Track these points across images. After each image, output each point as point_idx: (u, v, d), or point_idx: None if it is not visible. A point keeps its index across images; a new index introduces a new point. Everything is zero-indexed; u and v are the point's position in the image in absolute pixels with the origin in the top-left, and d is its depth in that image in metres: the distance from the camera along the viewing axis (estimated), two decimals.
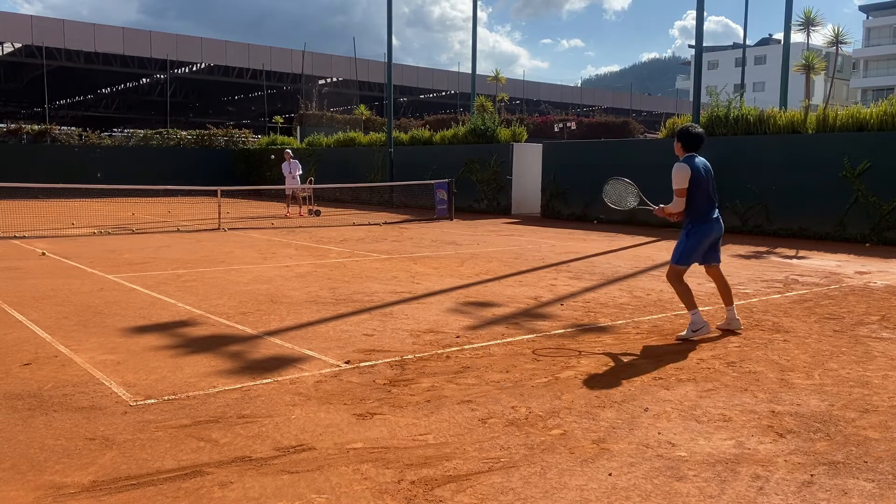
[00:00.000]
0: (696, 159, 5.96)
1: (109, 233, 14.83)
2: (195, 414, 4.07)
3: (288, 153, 21.22)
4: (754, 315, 7.04)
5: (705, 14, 17.72)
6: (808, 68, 34.39)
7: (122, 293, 7.85)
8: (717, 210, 6.11)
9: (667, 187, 6.05)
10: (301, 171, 21.18)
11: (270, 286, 8.35)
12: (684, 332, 6.04)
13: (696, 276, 9.59)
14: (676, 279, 6.08)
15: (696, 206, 5.96)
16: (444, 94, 65.49)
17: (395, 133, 26.05)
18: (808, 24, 37.92)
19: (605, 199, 6.70)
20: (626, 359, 5.37)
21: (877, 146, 14.01)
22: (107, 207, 22.76)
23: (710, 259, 6.24)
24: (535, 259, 11.27)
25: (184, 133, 37.21)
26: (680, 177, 5.88)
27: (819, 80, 58.09)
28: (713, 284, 8.87)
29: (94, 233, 14.75)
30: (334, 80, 59.27)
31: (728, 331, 6.26)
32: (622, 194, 6.58)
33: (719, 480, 3.27)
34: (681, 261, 6.05)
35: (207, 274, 9.31)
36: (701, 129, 6.10)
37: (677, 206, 5.96)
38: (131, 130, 45.25)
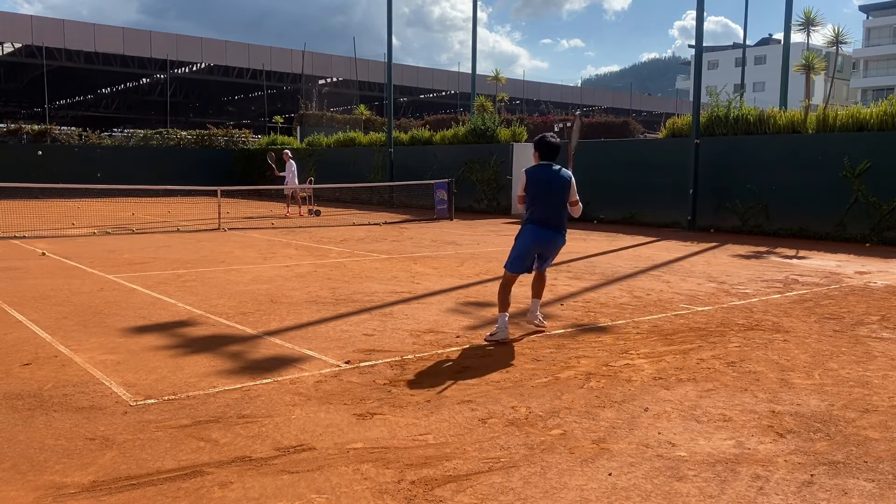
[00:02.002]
0: (538, 167, 6.12)
1: (109, 233, 14.84)
2: (195, 414, 4.08)
3: (287, 153, 21.14)
4: (754, 315, 7.03)
5: (705, 14, 17.72)
6: (808, 68, 34.37)
7: (122, 293, 7.85)
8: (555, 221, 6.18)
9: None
10: (294, 174, 20.84)
11: (270, 286, 8.35)
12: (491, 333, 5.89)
13: (696, 276, 9.59)
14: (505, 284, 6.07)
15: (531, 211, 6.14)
16: (444, 94, 65.47)
17: (395, 133, 26.05)
18: (808, 24, 37.92)
19: None
20: (626, 359, 5.37)
21: (877, 146, 14.01)
22: (107, 207, 22.76)
23: (540, 266, 6.41)
24: None
25: (184, 133, 37.21)
26: (520, 183, 6.17)
27: (819, 80, 58.06)
28: (714, 284, 8.93)
29: (94, 233, 14.75)
30: (334, 80, 59.27)
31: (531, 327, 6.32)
32: None
33: (719, 480, 3.27)
34: (511, 266, 6.09)
35: (207, 274, 9.31)
36: (555, 140, 6.27)
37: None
38: (131, 130, 45.25)
